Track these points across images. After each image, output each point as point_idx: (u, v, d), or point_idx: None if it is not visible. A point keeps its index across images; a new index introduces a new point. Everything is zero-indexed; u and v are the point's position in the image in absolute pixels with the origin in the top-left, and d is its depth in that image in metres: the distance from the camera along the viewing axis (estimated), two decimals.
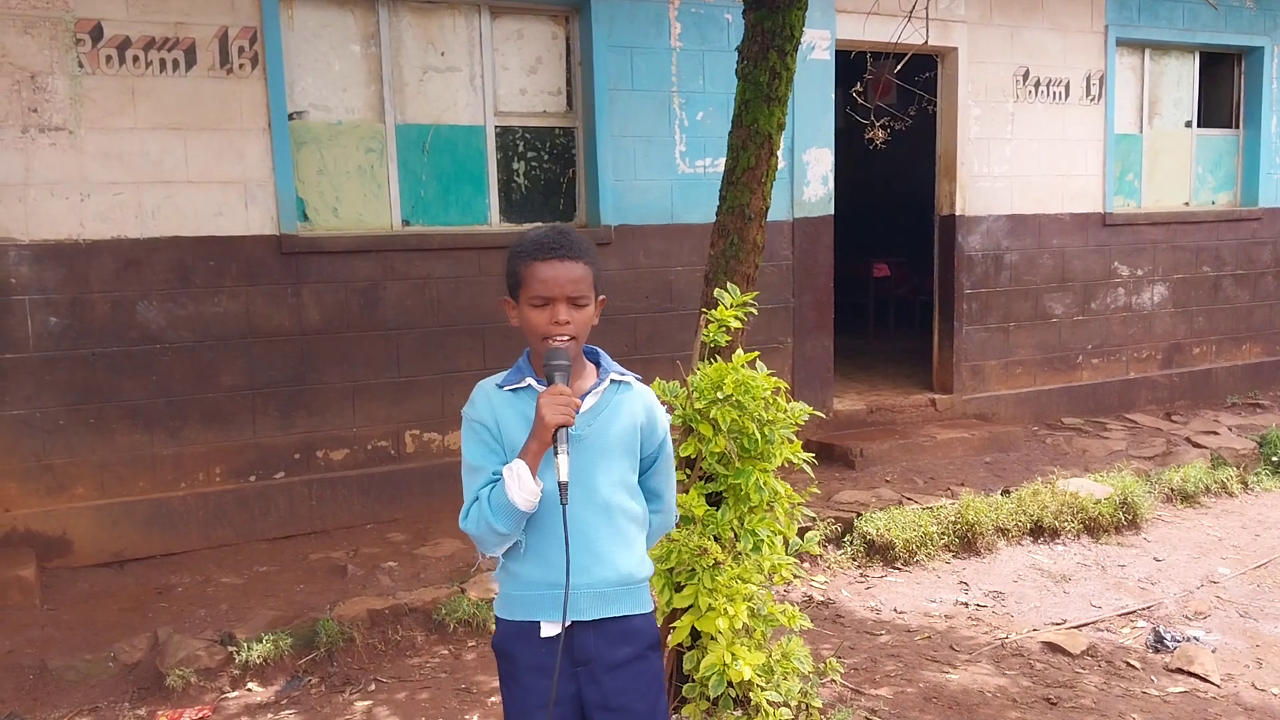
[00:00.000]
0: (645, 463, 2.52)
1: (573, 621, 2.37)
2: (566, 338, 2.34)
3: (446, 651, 4.91)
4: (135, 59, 5.67)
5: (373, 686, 4.60)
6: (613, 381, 2.46)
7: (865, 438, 7.79)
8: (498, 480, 2.33)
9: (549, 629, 2.38)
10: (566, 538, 2.29)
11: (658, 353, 7.03)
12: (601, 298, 2.45)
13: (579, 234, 2.43)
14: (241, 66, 5.91)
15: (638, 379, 2.53)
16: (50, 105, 5.52)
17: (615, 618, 2.42)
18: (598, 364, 2.51)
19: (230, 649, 4.67)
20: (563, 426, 2.27)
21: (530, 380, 2.40)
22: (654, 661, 2.50)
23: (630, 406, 2.46)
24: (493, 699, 4.41)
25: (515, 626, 2.43)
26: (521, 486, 2.29)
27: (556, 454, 2.28)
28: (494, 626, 2.54)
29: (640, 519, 2.49)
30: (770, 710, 3.32)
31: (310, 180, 6.30)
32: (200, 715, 4.34)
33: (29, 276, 5.56)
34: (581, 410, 2.36)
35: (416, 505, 6.52)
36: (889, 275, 11.90)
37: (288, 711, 4.39)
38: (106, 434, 5.78)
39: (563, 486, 2.27)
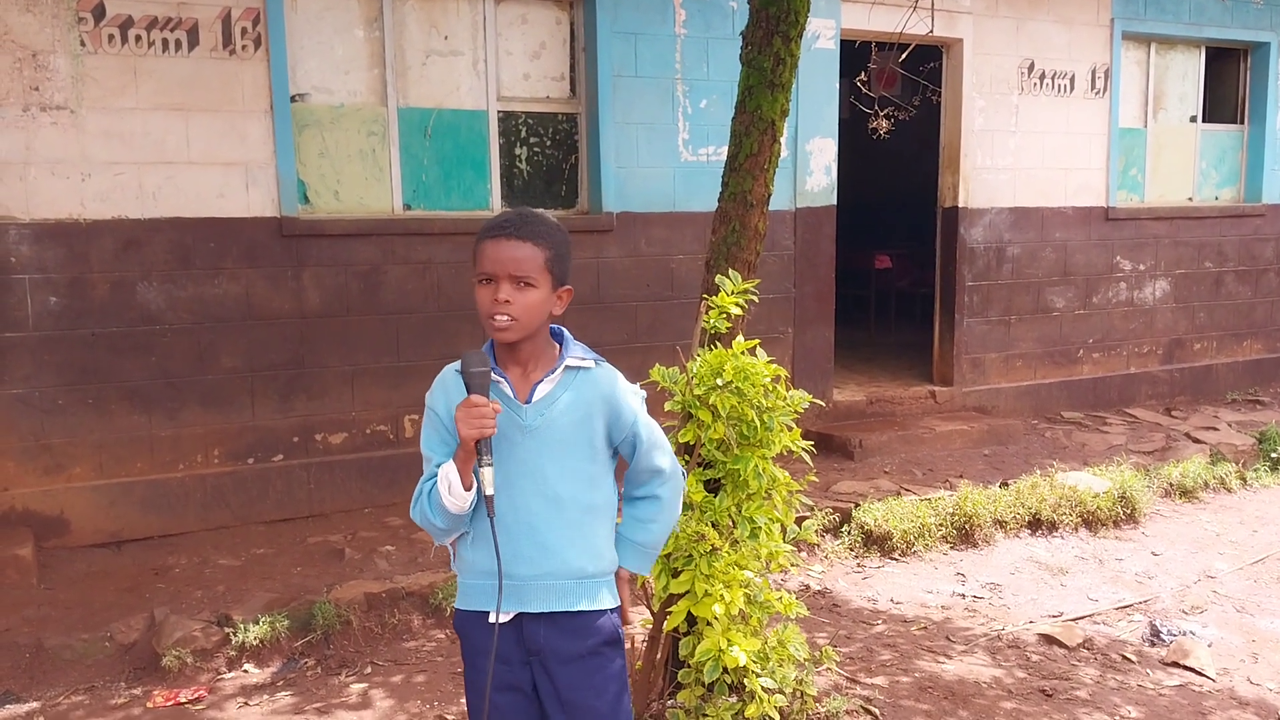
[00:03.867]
0: (625, 448, 2.45)
1: (519, 613, 2.36)
2: (506, 318, 2.28)
3: (443, 635, 4.92)
4: (138, 38, 5.65)
5: (369, 669, 4.61)
6: (569, 368, 2.38)
7: (864, 429, 7.79)
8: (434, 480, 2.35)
9: (500, 617, 2.35)
10: (497, 549, 2.28)
11: (659, 340, 7.02)
12: (565, 288, 2.37)
13: (544, 219, 2.36)
14: (244, 48, 5.89)
15: (600, 362, 2.44)
16: (52, 84, 5.50)
17: (568, 612, 2.37)
18: (562, 347, 2.42)
19: (227, 630, 4.67)
20: (481, 439, 2.24)
21: (480, 365, 2.33)
22: (610, 659, 2.43)
23: (587, 394, 2.38)
24: None
25: (466, 614, 2.44)
26: (451, 492, 2.30)
27: (480, 466, 2.26)
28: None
29: (603, 509, 2.42)
30: (765, 697, 3.32)
31: (311, 163, 6.28)
32: (196, 695, 4.34)
33: (29, 256, 5.55)
34: (535, 399, 2.35)
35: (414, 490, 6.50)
36: (891, 267, 11.88)
37: (284, 693, 4.40)
38: (105, 414, 5.78)
39: (488, 500, 2.27)
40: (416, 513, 2.41)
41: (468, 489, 2.29)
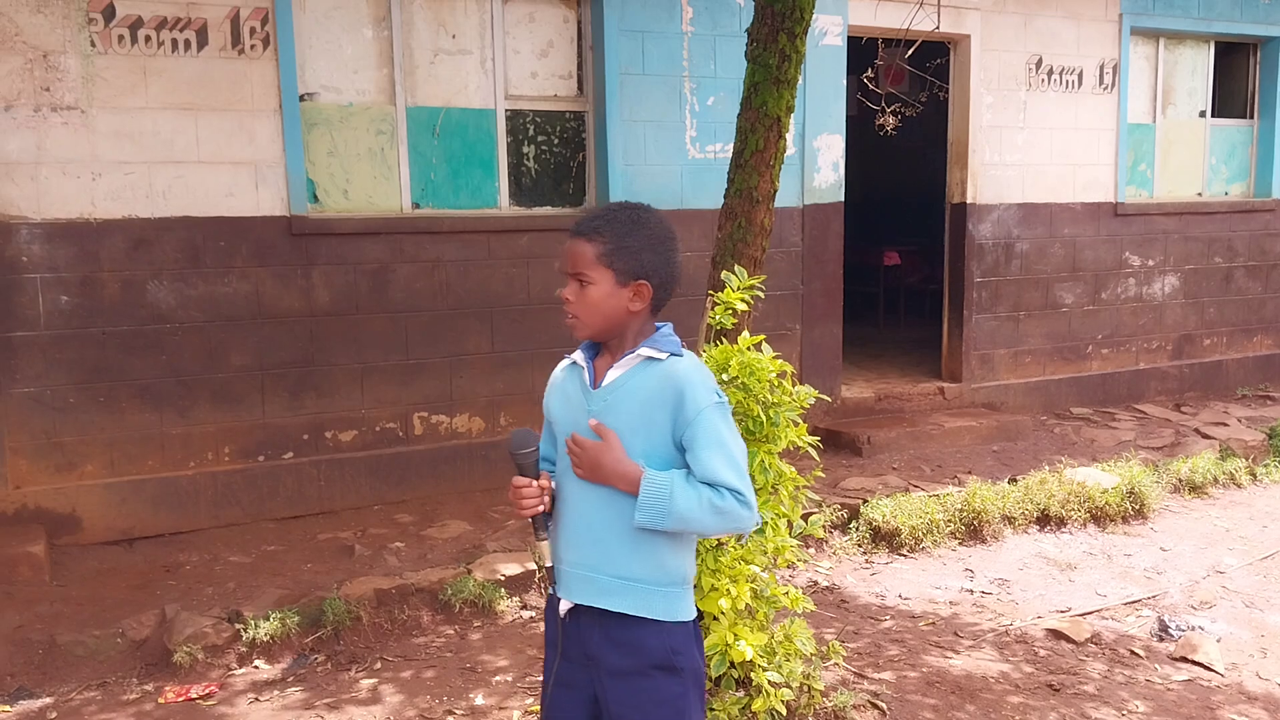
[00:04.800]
0: (686, 447, 2.29)
1: (575, 605, 2.37)
2: (571, 316, 2.35)
3: (452, 631, 4.94)
4: (147, 39, 5.68)
5: (379, 665, 4.63)
6: (643, 358, 2.33)
7: (873, 425, 7.79)
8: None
9: (563, 605, 2.40)
10: (554, 582, 2.39)
11: None
12: (638, 281, 2.32)
13: (616, 212, 2.37)
14: (253, 47, 5.92)
15: (676, 355, 2.34)
16: (62, 84, 5.54)
17: (618, 616, 2.32)
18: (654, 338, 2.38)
19: (238, 627, 4.70)
20: (534, 516, 2.35)
21: (580, 353, 2.43)
22: (662, 684, 2.32)
23: (653, 383, 2.30)
24: (497, 678, 4.44)
25: (550, 598, 2.48)
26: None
27: (536, 541, 2.37)
28: (502, 607, 2.58)
29: None
30: (771, 691, 3.34)
31: (320, 162, 6.31)
32: (207, 691, 4.37)
33: (40, 255, 5.59)
34: (603, 383, 2.36)
35: (424, 487, 6.54)
36: (900, 264, 11.87)
37: (294, 689, 4.42)
38: (116, 412, 5.82)
39: (548, 571, 2.39)
40: None
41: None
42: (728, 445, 2.28)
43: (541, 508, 2.35)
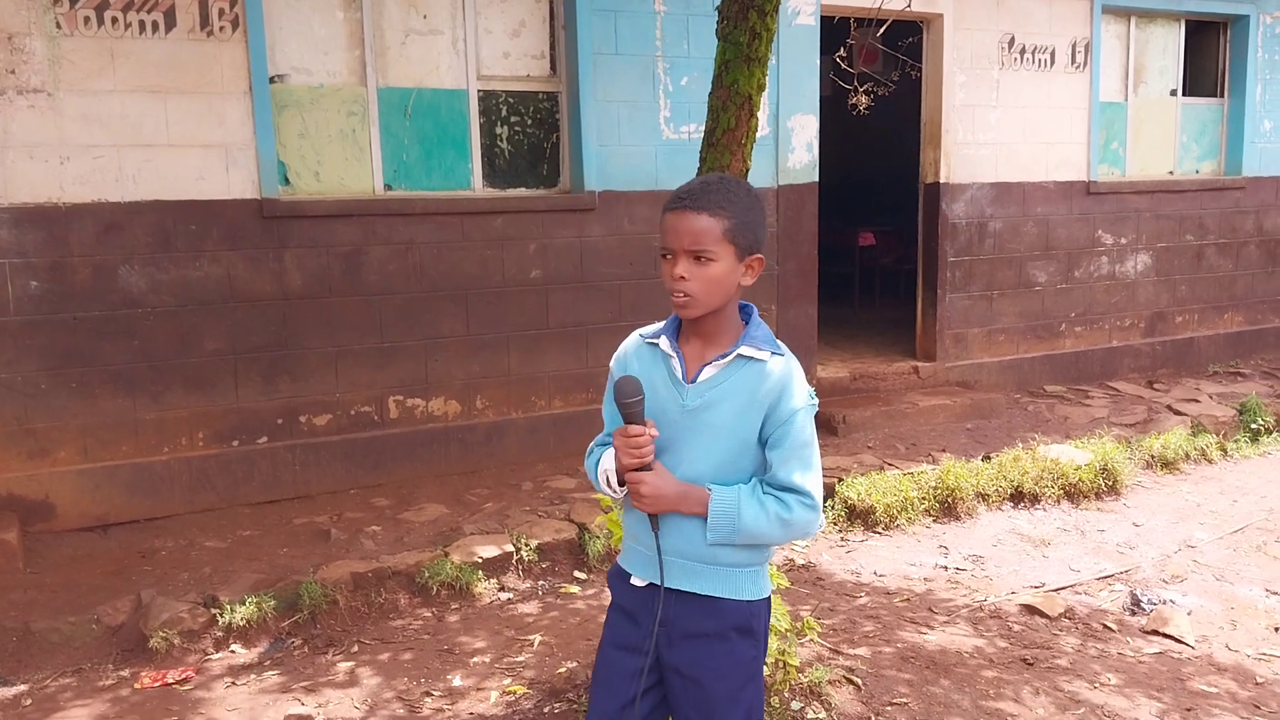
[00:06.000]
0: (771, 445, 2.30)
1: (650, 584, 2.38)
2: (684, 295, 2.26)
3: (429, 614, 4.94)
4: (114, 20, 5.61)
5: (356, 648, 4.63)
6: (741, 356, 2.30)
7: (848, 405, 7.83)
8: (608, 445, 2.42)
9: (637, 580, 2.41)
10: (661, 567, 2.34)
11: (642, 318, 6.95)
12: (755, 256, 2.30)
13: (728, 185, 2.29)
14: (222, 29, 5.86)
15: (778, 353, 2.32)
16: (28, 67, 5.47)
17: (699, 594, 2.34)
18: (746, 329, 2.36)
19: (214, 611, 4.69)
20: (641, 466, 2.29)
21: (664, 339, 2.38)
22: (738, 646, 2.36)
23: (753, 385, 2.29)
24: (475, 659, 4.45)
25: (617, 569, 2.49)
26: (609, 485, 2.39)
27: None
28: (479, 589, 2.56)
29: None
30: None
31: (291, 144, 6.26)
32: (184, 676, 4.36)
33: (8, 240, 5.53)
34: (699, 380, 2.32)
35: (400, 471, 6.53)
36: (874, 244, 11.90)
37: (271, 672, 4.42)
38: (89, 398, 5.77)
39: (654, 520, 2.34)
40: (587, 466, 2.50)
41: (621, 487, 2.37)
42: (810, 448, 2.31)
43: (650, 459, 2.30)
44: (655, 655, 2.38)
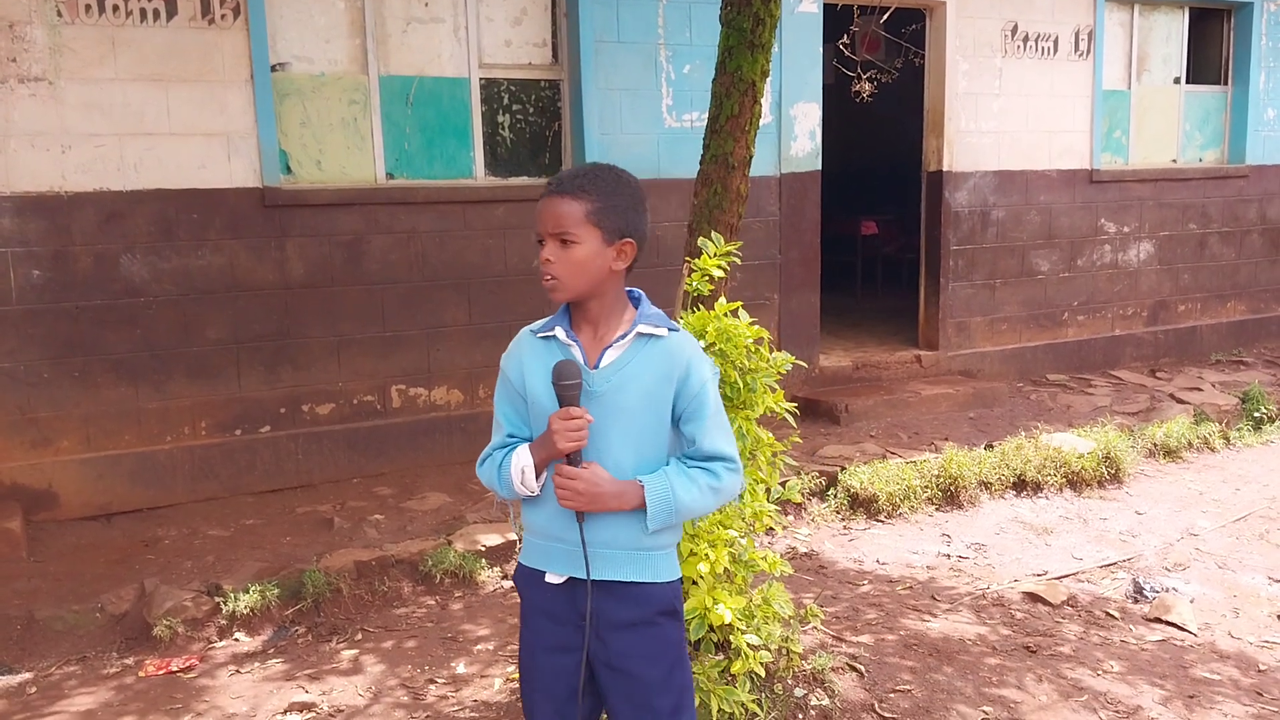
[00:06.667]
0: (685, 420, 2.32)
1: (570, 577, 2.34)
2: (550, 278, 2.26)
3: (433, 602, 4.95)
4: (115, 8, 5.60)
5: (359, 636, 4.64)
6: (640, 335, 2.31)
7: (851, 394, 7.82)
8: (513, 445, 2.35)
9: (553, 578, 2.37)
10: (587, 560, 2.28)
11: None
12: (627, 240, 2.31)
13: (596, 171, 2.32)
14: (223, 17, 5.84)
15: (675, 329, 2.35)
16: (29, 55, 5.46)
17: (622, 582, 2.33)
18: (638, 309, 2.37)
19: (217, 600, 4.69)
20: (576, 451, 2.24)
21: (559, 329, 2.33)
22: (666, 629, 2.38)
23: (658, 362, 2.30)
24: (479, 646, 4.45)
25: (526, 570, 2.43)
26: (524, 482, 2.31)
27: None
28: (482, 577, 2.53)
29: None
30: (750, 653, 3.36)
31: (293, 133, 6.25)
32: (188, 664, 4.37)
33: (10, 229, 5.52)
34: (602, 365, 2.30)
35: (403, 459, 6.53)
36: (877, 233, 11.89)
37: (275, 660, 4.42)
38: (91, 387, 5.77)
39: (580, 514, 2.27)
40: (483, 473, 2.42)
41: (539, 478, 2.32)
42: (723, 413, 2.35)
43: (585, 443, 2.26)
44: (587, 651, 2.36)
